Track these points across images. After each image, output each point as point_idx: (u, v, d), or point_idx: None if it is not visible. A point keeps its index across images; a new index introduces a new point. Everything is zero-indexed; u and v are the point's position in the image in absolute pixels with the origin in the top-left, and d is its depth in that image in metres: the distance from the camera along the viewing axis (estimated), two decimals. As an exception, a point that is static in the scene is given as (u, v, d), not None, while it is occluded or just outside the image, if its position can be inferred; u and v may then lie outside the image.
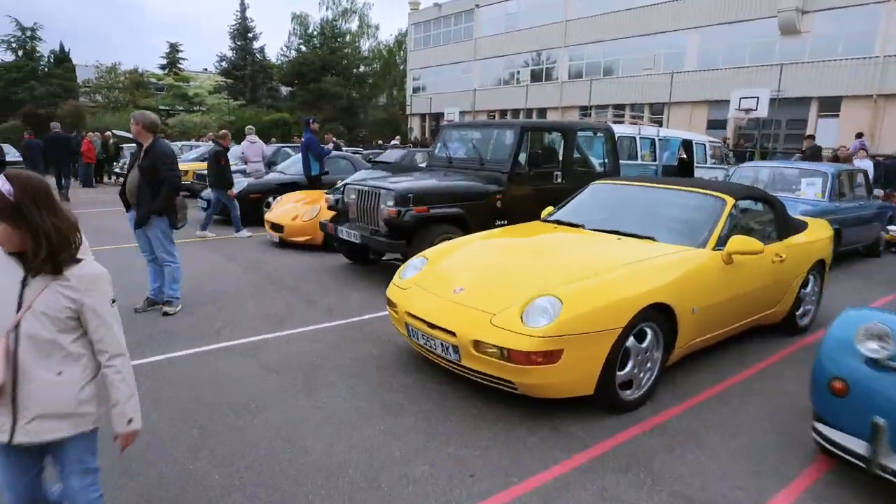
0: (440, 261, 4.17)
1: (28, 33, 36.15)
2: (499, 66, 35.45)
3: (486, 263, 4.01)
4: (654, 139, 9.49)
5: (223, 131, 9.65)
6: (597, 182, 5.37)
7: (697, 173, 10.64)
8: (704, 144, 11.26)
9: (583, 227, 4.55)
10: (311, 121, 10.54)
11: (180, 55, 45.76)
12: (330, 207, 6.95)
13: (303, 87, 39.32)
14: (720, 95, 25.10)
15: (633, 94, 28.15)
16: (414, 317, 3.73)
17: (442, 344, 3.52)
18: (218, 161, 8.88)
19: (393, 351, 4.43)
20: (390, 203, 5.90)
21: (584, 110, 28.51)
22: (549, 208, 5.29)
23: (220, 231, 9.66)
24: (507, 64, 35.03)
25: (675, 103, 25.25)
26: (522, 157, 6.64)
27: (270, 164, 13.32)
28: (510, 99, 33.90)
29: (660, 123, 19.88)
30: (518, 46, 33.77)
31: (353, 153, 15.75)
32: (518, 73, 34.32)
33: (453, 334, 3.43)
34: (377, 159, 14.38)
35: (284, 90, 43.11)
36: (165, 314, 5.11)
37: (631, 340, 3.44)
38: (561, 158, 7.09)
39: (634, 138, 9.49)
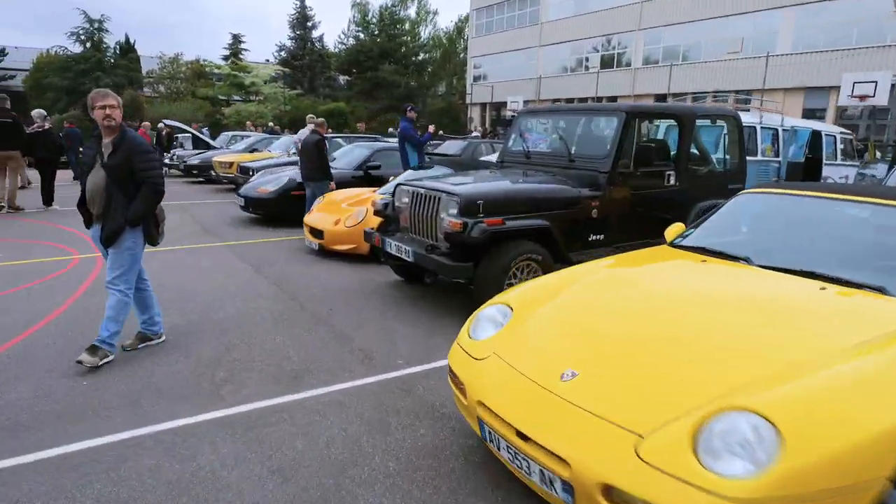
0: (532, 313, 2.71)
1: (95, 25, 36.68)
2: (565, 53, 33.40)
3: (608, 325, 2.52)
4: (777, 130, 7.68)
5: (320, 119, 8.57)
6: (749, 191, 3.76)
7: (824, 172, 8.73)
8: (834, 137, 9.24)
9: (748, 261, 2.98)
10: (408, 107, 9.29)
11: (242, 46, 45.77)
12: (377, 213, 5.60)
13: (360, 76, 38.46)
14: (819, 81, 22.51)
15: (714, 80, 25.64)
16: (493, 413, 2.31)
17: (542, 471, 2.09)
18: (319, 150, 7.89)
19: (456, 437, 3.01)
20: (453, 212, 4.48)
21: (661, 99, 26.21)
22: (678, 226, 3.73)
23: (256, 233, 8.51)
24: (573, 50, 32.93)
25: (765, 90, 22.68)
26: (626, 152, 5.06)
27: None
28: (577, 87, 31.86)
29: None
30: (587, 31, 31.63)
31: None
32: (587, 59, 32.19)
33: (565, 462, 1.98)
34: (434, 151, 12.97)
35: (342, 79, 42.42)
36: (79, 363, 3.63)
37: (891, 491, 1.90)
38: (675, 154, 5.48)
39: (754, 128, 7.61)
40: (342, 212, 6.85)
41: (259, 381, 3.63)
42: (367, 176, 9.31)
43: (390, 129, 28.02)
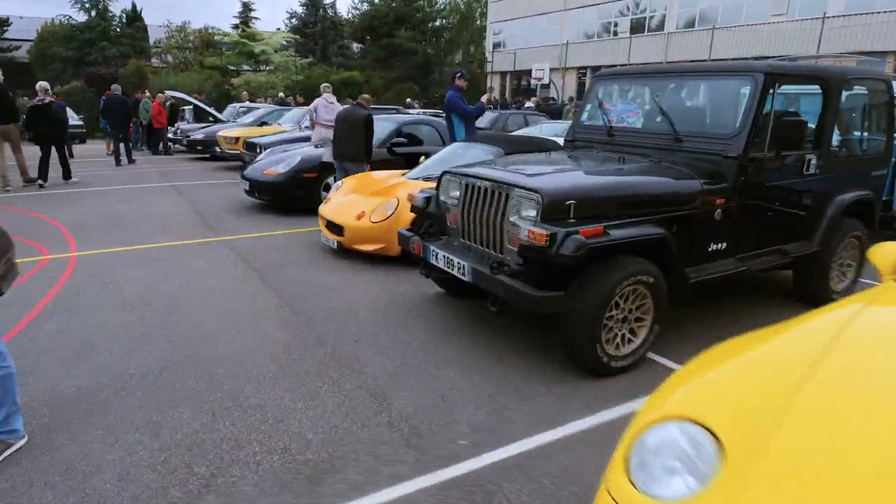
0: (768, 450, 1.39)
1: (100, -8, 35.14)
2: (592, 17, 31.37)
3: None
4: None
5: (366, 95, 7.45)
6: None
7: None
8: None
9: None
10: (457, 74, 8.00)
11: (253, 14, 43.96)
12: (415, 209, 4.29)
13: (375, 43, 36.71)
14: (874, 45, 20.56)
15: (755, 46, 23.67)
16: None
17: None
18: (369, 128, 6.93)
19: None
20: (530, 214, 3.17)
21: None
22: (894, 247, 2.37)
23: (263, 223, 7.23)
24: (600, 14, 30.88)
25: (811, 57, 20.77)
26: (761, 129, 3.67)
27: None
28: (606, 53, 29.95)
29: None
30: (616, -8, 29.59)
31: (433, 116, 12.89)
32: (615, 24, 30.20)
33: None
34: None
35: (356, 47, 40.68)
36: None
37: None
38: (817, 132, 4.08)
39: (877, 96, 6.13)
40: (367, 202, 5.54)
41: (257, 482, 2.39)
42: (393, 155, 7.98)
43: (408, 100, 26.49)
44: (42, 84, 10.20)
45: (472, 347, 3.70)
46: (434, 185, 4.13)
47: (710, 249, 3.67)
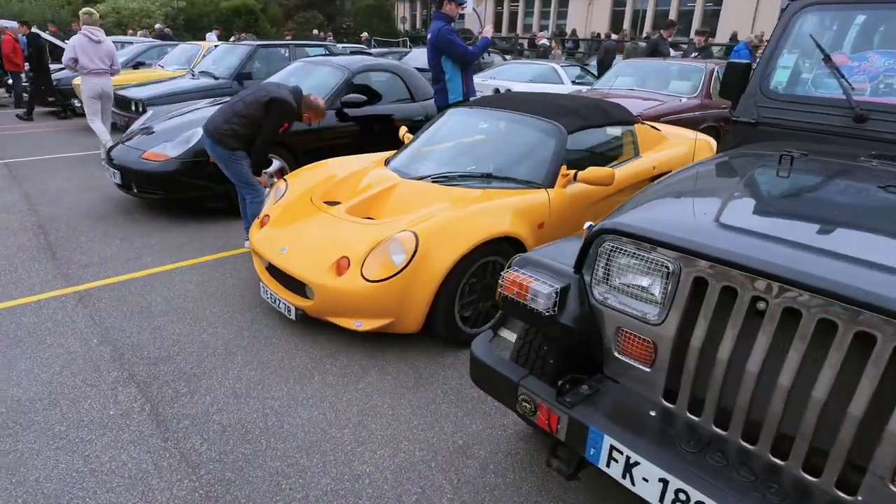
0: None
1: None
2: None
3: None
4: None
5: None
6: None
7: None
8: None
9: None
10: None
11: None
12: (526, 315, 1.82)
13: (270, -36, 31.79)
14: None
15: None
16: None
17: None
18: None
19: None
20: None
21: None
22: None
23: (148, 244, 4.47)
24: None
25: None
26: None
27: (242, 77, 7.86)
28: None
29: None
30: None
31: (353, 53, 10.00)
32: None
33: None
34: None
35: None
36: None
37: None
38: None
39: None
40: (349, 234, 3.02)
41: None
42: (344, 120, 5.41)
43: (315, 31, 22.76)
44: None
45: None
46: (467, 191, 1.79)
47: None
